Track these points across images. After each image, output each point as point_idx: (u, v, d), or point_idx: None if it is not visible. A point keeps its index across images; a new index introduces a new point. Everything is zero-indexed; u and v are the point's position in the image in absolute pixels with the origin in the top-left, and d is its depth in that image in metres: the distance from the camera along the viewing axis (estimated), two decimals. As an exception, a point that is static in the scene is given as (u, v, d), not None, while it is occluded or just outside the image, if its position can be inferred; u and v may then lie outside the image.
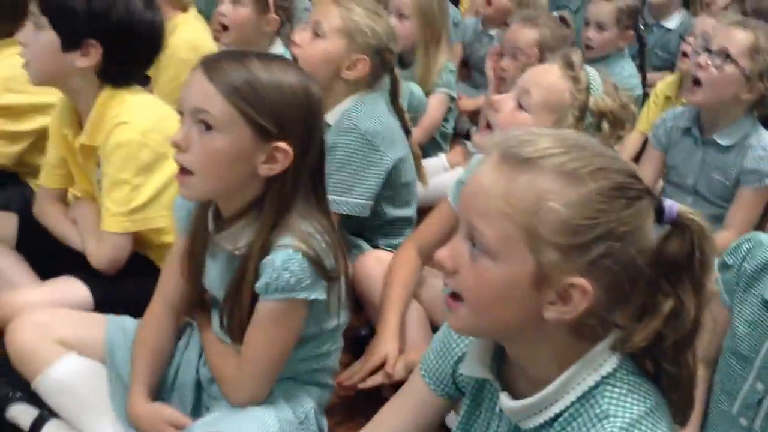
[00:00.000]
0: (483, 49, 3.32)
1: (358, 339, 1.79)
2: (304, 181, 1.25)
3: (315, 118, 1.26)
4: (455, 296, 0.90)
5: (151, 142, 1.58)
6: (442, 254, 0.91)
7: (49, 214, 1.76)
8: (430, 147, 2.72)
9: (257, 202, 1.25)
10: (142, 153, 1.57)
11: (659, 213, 0.88)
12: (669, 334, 0.88)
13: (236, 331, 1.29)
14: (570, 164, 0.85)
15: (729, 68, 1.98)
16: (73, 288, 1.59)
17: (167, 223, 1.61)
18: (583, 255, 0.84)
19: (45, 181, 1.79)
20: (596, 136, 1.50)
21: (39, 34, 1.57)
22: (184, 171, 1.22)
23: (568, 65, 1.53)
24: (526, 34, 2.47)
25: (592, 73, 1.54)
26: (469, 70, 3.52)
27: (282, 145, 1.20)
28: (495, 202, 0.85)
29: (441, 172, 2.60)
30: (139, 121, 1.59)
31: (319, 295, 1.24)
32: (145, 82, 1.92)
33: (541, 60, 2.26)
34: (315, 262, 1.21)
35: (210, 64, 1.21)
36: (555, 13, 2.63)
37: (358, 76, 1.84)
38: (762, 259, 1.35)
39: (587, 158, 0.86)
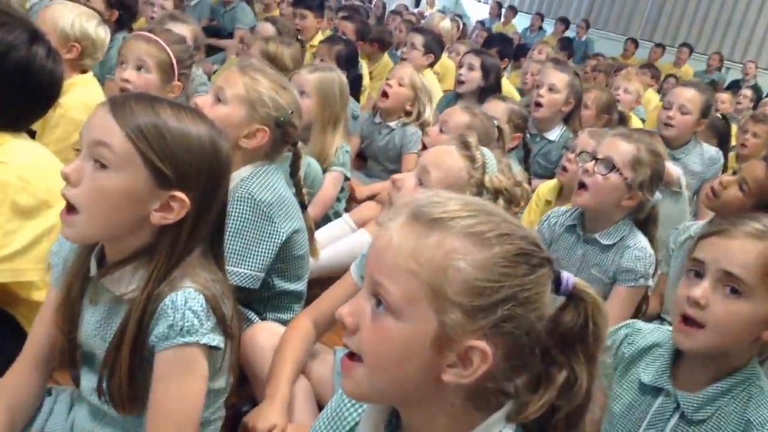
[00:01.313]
0: (381, 140, 3.43)
1: (240, 415, 1.69)
2: (201, 238, 1.20)
3: (220, 174, 1.22)
4: (353, 356, 0.89)
5: (31, 187, 1.48)
6: (344, 311, 0.89)
7: None
8: (322, 224, 2.73)
9: (147, 249, 1.18)
10: (18, 196, 1.47)
11: (557, 283, 0.90)
12: (563, 405, 0.89)
13: (117, 393, 1.18)
14: (478, 227, 0.87)
15: (613, 176, 2.12)
16: None
17: (39, 277, 1.50)
18: (486, 317, 0.85)
19: None
20: None
21: None
22: (69, 209, 1.15)
23: (464, 146, 1.61)
24: (459, 116, 2.57)
25: (487, 154, 1.62)
26: (365, 160, 3.61)
27: (179, 194, 1.15)
28: (403, 260, 0.85)
29: (348, 233, 2.59)
30: (20, 164, 1.50)
31: (220, 342, 1.17)
32: (30, 135, 1.84)
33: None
34: (215, 305, 1.16)
35: (117, 102, 1.16)
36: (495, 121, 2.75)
37: (256, 146, 1.82)
38: (640, 344, 1.43)
39: (494, 223, 0.88)
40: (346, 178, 2.82)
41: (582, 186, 2.19)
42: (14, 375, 1.29)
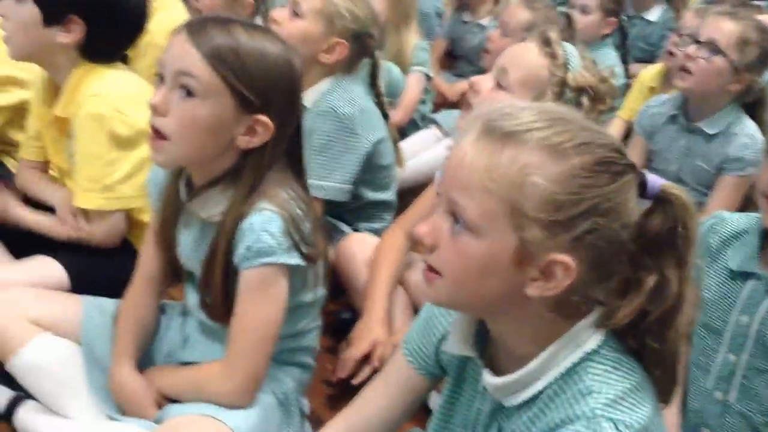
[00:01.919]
0: (474, 40, 3.30)
1: (340, 323, 1.78)
2: (282, 156, 1.23)
3: (296, 92, 1.23)
4: (433, 269, 0.89)
5: (128, 118, 1.53)
6: (422, 230, 0.89)
7: (31, 182, 1.72)
8: (409, 128, 2.70)
9: (232, 172, 1.22)
10: (117, 126, 1.52)
11: (642, 188, 0.87)
12: (653, 310, 0.87)
13: (214, 307, 1.26)
14: (554, 138, 0.83)
15: (717, 60, 1.98)
16: (48, 267, 1.56)
17: (142, 204, 1.57)
18: (567, 231, 0.82)
19: (25, 153, 1.76)
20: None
21: (20, 6, 1.52)
22: (158, 135, 1.18)
23: (545, 42, 1.53)
24: (520, 14, 2.46)
25: (569, 49, 1.54)
26: (454, 59, 3.51)
27: (263, 118, 1.17)
28: (477, 177, 0.83)
29: (434, 143, 2.57)
30: (116, 95, 1.55)
31: (299, 261, 1.21)
32: (125, 62, 1.90)
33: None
34: (292, 225, 1.19)
35: (194, 28, 1.17)
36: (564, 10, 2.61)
37: (335, 60, 1.81)
38: (725, 233, 1.38)
39: (571, 132, 0.84)
40: (429, 78, 2.74)
41: (685, 71, 2.05)
42: (132, 294, 1.38)
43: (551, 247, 0.83)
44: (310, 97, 1.81)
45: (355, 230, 1.91)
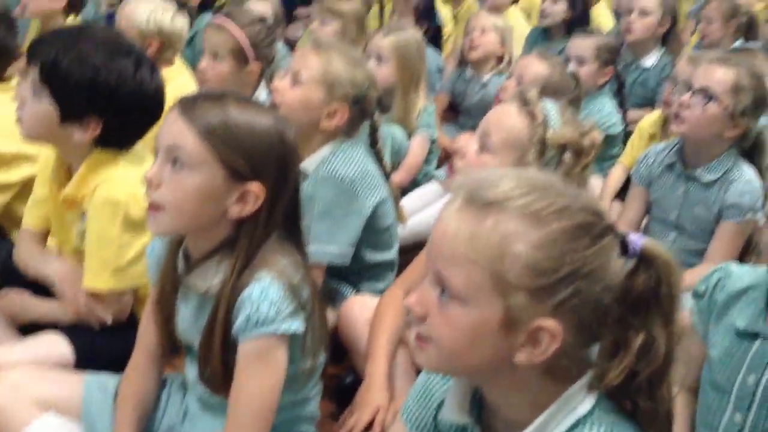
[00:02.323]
0: (476, 96, 3.36)
1: (343, 387, 1.77)
2: (278, 224, 1.25)
3: (289, 161, 1.26)
4: (424, 337, 0.90)
5: (142, 200, 1.56)
6: (411, 300, 0.91)
7: (31, 258, 1.72)
8: (412, 187, 2.72)
9: (229, 242, 1.24)
10: (131, 210, 1.53)
11: (624, 248, 0.88)
12: (642, 369, 0.88)
13: (214, 380, 1.26)
14: (533, 205, 0.85)
15: (712, 106, 1.99)
16: (53, 344, 1.57)
17: (124, 286, 1.59)
18: (551, 296, 0.84)
19: (27, 220, 1.76)
20: (559, 168, 1.53)
21: (36, 101, 1.52)
22: (153, 207, 1.22)
23: (524, 102, 1.57)
24: (536, 66, 2.52)
25: (548, 107, 1.57)
26: (457, 113, 3.56)
27: (253, 186, 1.20)
28: (461, 247, 0.85)
29: (436, 199, 2.59)
30: (130, 178, 1.55)
31: (299, 327, 1.22)
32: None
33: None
34: (292, 291, 1.21)
35: (186, 104, 1.22)
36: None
37: (336, 125, 1.84)
38: (732, 289, 1.36)
39: (550, 198, 0.86)
40: (433, 140, 2.78)
41: (680, 118, 2.06)
42: (132, 368, 1.39)
43: (536, 313, 0.84)
44: (311, 163, 1.84)
45: (358, 291, 1.92)
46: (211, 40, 2.34)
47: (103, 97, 1.52)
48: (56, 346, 1.57)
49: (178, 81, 2.51)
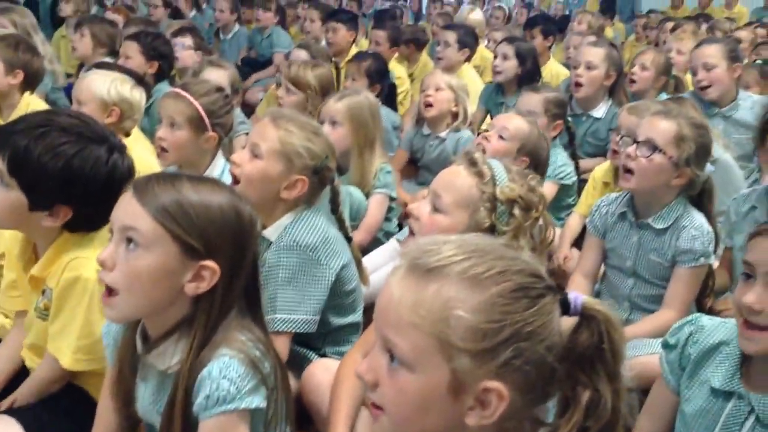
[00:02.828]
0: (433, 152, 3.42)
1: (308, 454, 1.74)
2: (236, 299, 1.25)
3: (245, 237, 1.26)
4: (377, 405, 0.92)
5: None
6: (361, 368, 0.92)
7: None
8: (373, 246, 2.74)
9: (187, 320, 1.23)
10: (97, 290, 1.50)
11: (566, 307, 0.90)
12: (592, 426, 0.90)
13: None
14: (473, 270, 0.88)
15: (657, 157, 2.05)
16: (4, 426, 1.52)
17: (88, 367, 1.57)
18: (495, 358, 0.86)
19: (5, 305, 1.75)
20: (511, 223, 1.56)
21: (4, 189, 1.49)
22: (109, 291, 1.21)
23: (471, 163, 1.61)
24: (518, 122, 2.58)
25: (495, 166, 1.61)
26: (417, 168, 3.61)
27: (209, 263, 1.21)
28: (406, 314, 0.87)
29: (394, 257, 2.59)
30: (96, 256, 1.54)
31: (260, 403, 1.21)
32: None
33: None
34: (252, 367, 1.20)
35: (140, 186, 1.23)
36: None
37: (297, 196, 1.85)
38: (706, 344, 1.38)
39: (489, 262, 0.89)
40: (392, 198, 2.81)
41: (627, 171, 2.13)
42: None
43: (482, 375, 0.86)
44: (272, 232, 1.85)
45: (323, 356, 1.90)
46: (168, 109, 2.35)
47: (74, 186, 1.50)
48: (7, 429, 1.52)
49: (135, 151, 2.52)
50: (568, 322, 0.92)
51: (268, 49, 5.77)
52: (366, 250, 2.64)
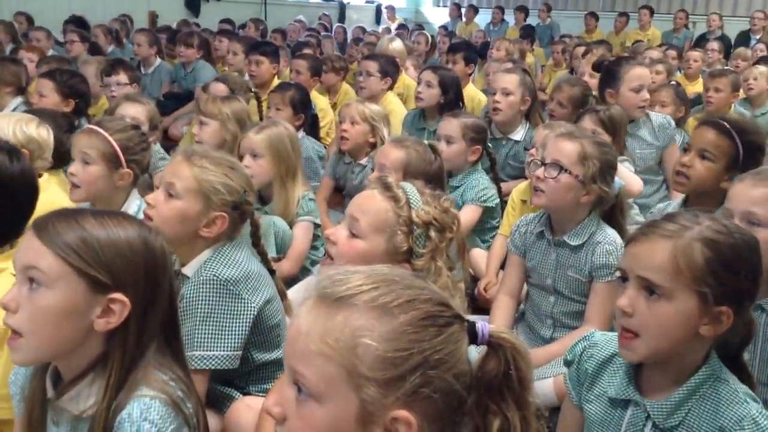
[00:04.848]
0: (356, 179, 3.44)
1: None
2: (154, 334, 1.22)
3: (156, 269, 1.23)
4: None
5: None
6: (269, 402, 0.92)
7: None
8: (303, 274, 2.72)
9: (101, 360, 1.19)
10: None
11: (473, 335, 0.91)
12: None
13: None
14: (381, 299, 0.88)
15: (564, 177, 2.13)
16: None
17: (9, 415, 1.48)
18: (402, 387, 0.86)
19: None
20: (427, 246, 1.58)
21: None
22: (14, 333, 1.17)
23: (385, 187, 1.62)
24: (393, 153, 2.57)
25: (408, 189, 1.64)
26: (343, 197, 3.62)
27: (118, 296, 1.17)
28: (313, 344, 0.87)
29: None
30: None
31: None
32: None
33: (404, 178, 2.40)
34: (174, 407, 1.16)
35: (40, 224, 1.19)
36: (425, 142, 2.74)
37: (217, 233, 1.82)
38: (599, 357, 1.42)
39: (397, 291, 0.89)
40: (317, 225, 2.81)
41: (538, 190, 2.20)
42: None
43: (390, 404, 0.86)
44: (191, 267, 1.81)
45: (246, 394, 1.85)
46: (82, 145, 2.29)
47: None
48: None
49: (47, 192, 2.45)
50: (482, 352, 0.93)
51: (193, 83, 5.71)
52: (295, 279, 2.62)
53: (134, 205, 2.30)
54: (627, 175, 2.78)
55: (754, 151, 2.29)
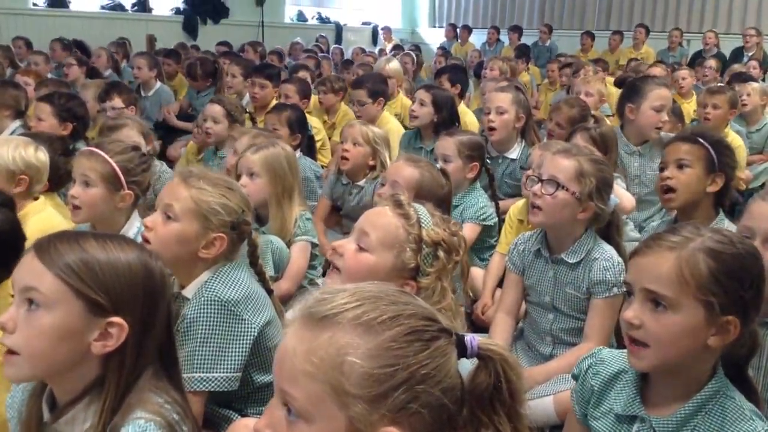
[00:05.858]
0: (353, 200, 3.45)
1: None
2: (150, 359, 1.22)
3: (155, 293, 1.24)
4: None
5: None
6: (260, 424, 0.91)
7: None
8: (299, 294, 2.72)
9: (98, 383, 1.19)
10: None
11: (462, 348, 0.91)
12: None
13: None
14: (365, 316, 0.88)
15: (561, 194, 2.14)
16: None
17: None
18: (389, 403, 0.86)
19: None
20: (435, 265, 1.58)
21: None
22: (10, 352, 1.17)
23: (397, 204, 1.62)
24: (407, 171, 2.56)
25: (420, 209, 1.64)
26: (341, 217, 3.63)
27: (116, 320, 1.18)
28: (300, 363, 0.87)
29: None
30: None
31: None
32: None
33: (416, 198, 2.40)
34: (170, 431, 1.16)
35: (42, 246, 1.20)
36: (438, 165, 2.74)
37: (216, 254, 1.82)
38: (605, 374, 1.43)
39: (381, 308, 0.90)
40: (314, 245, 2.81)
41: (535, 207, 2.20)
42: None
43: (377, 421, 0.86)
44: (191, 289, 1.81)
45: (245, 416, 1.83)
46: (82, 168, 2.30)
47: None
48: None
49: (42, 215, 2.47)
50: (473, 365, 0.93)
51: (201, 107, 5.71)
52: (292, 299, 2.61)
53: (134, 227, 2.30)
54: (621, 193, 2.79)
55: (723, 149, 2.45)
